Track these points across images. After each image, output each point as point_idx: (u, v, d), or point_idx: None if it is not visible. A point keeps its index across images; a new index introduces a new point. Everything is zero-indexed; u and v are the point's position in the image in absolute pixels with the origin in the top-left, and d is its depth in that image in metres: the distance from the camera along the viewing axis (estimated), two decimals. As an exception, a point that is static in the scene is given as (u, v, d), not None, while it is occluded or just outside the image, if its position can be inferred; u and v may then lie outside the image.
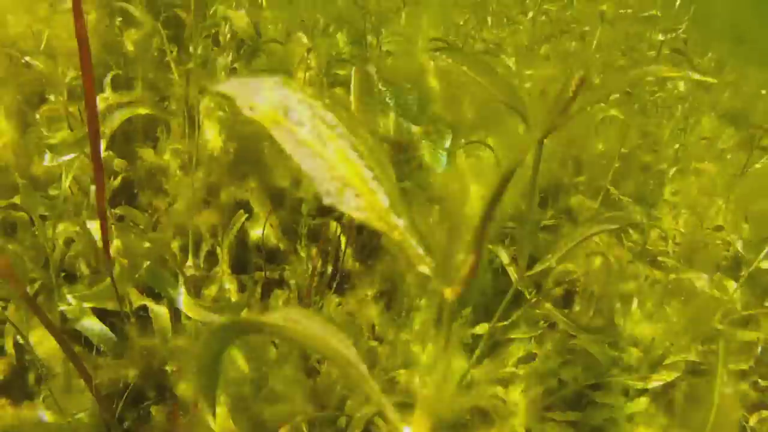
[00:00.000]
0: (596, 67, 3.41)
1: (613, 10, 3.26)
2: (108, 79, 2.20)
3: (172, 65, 2.25)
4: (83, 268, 1.72)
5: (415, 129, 2.40)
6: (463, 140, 2.16)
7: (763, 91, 4.97)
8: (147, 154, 2.29)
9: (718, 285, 2.43)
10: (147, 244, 1.99)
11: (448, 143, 2.31)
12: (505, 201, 2.27)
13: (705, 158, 3.12)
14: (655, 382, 2.09)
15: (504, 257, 1.90)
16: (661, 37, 2.35)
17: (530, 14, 3.46)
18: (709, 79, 1.18)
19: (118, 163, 2.01)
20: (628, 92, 2.95)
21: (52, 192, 1.63)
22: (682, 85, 2.96)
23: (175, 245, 2.15)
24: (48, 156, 1.20)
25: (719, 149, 3.24)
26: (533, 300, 1.99)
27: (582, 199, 2.87)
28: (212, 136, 2.19)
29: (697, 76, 1.19)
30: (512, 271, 1.93)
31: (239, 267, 2.18)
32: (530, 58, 3.25)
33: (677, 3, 2.46)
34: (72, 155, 1.21)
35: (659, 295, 2.29)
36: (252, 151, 2.23)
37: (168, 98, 2.52)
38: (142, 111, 1.45)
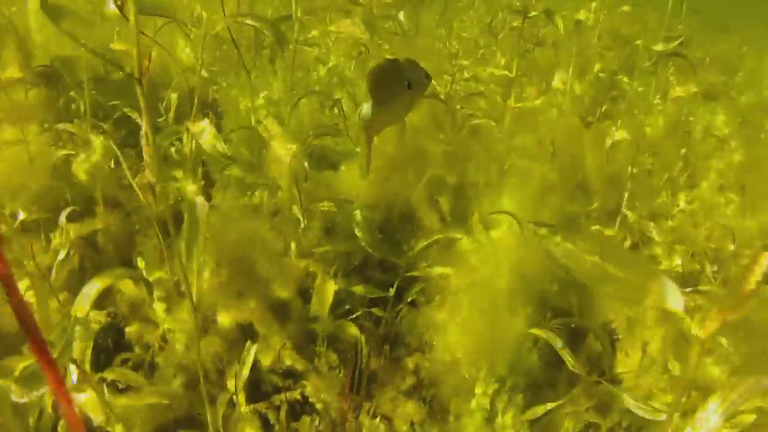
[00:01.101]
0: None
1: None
2: (64, 216, 1.93)
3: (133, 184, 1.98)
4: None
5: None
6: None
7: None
8: (127, 287, 2.03)
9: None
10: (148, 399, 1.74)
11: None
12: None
13: (713, 156, 2.94)
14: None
15: (556, 342, 1.68)
16: (660, 47, 2.15)
17: (500, 35, 3.26)
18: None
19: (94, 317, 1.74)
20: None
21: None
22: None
23: (177, 383, 1.89)
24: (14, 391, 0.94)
25: (726, 143, 3.06)
26: (591, 380, 1.77)
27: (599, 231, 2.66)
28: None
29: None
30: (566, 356, 1.71)
31: (252, 389, 1.94)
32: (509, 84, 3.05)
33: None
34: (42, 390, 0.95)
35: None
36: (244, 263, 1.98)
37: (136, 214, 2.26)
38: (115, 279, 1.19)
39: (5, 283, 0.56)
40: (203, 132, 1.42)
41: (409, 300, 1.98)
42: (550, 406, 1.79)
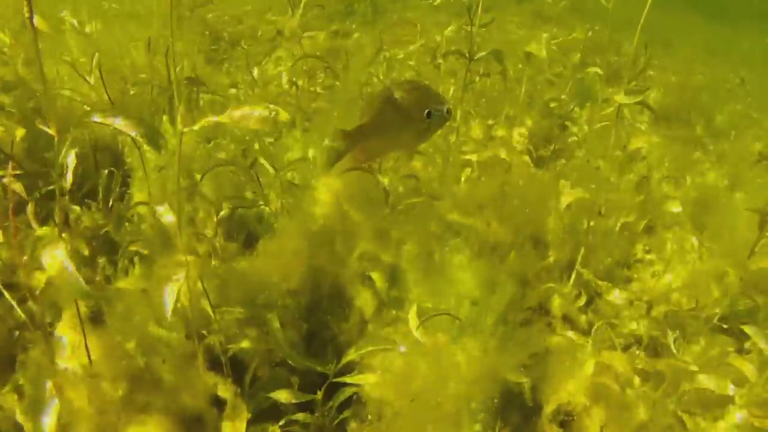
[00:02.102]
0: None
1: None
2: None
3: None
4: None
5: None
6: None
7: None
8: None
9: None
10: None
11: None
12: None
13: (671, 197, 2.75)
14: None
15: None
16: (625, 99, 1.92)
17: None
18: None
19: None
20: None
21: None
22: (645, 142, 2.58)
23: None
24: None
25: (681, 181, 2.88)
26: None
27: (552, 289, 2.44)
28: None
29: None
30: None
31: None
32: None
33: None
34: None
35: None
36: (147, 373, 1.68)
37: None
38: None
39: None
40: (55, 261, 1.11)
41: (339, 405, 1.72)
42: None
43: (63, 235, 1.29)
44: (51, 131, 1.24)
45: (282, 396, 1.72)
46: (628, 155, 2.69)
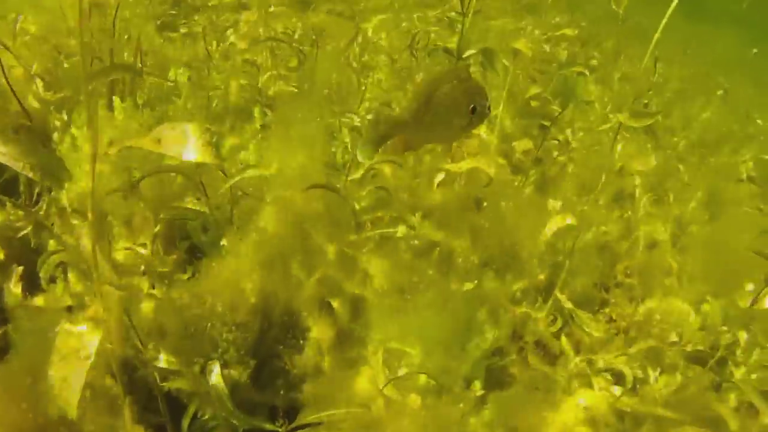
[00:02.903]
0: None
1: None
2: None
3: None
4: None
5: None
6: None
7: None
8: None
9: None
10: None
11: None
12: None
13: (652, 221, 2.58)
14: None
15: None
16: (633, 122, 1.71)
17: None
18: None
19: None
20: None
21: None
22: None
23: None
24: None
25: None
26: None
27: (527, 314, 2.25)
28: None
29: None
30: None
31: None
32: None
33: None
34: None
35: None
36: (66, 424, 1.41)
37: None
38: None
39: None
40: None
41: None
42: None
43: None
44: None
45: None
46: (617, 172, 2.50)
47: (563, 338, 2.36)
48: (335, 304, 1.72)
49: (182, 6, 3.40)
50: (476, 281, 2.11)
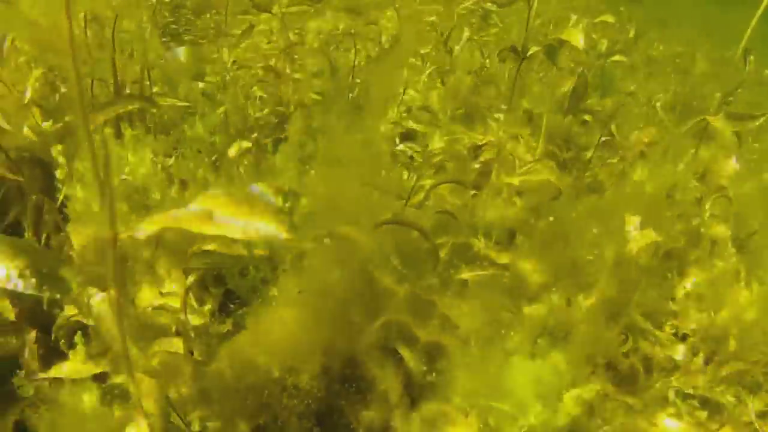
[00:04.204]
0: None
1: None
2: None
3: None
4: None
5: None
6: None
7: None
8: None
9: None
10: None
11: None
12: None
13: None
14: None
15: None
16: (729, 126, 1.47)
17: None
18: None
19: None
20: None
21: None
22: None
23: None
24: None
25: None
26: None
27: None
28: None
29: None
30: None
31: None
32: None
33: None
34: None
35: None
36: None
37: None
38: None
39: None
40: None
41: None
42: None
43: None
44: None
45: None
46: (700, 177, 2.24)
47: (635, 359, 2.13)
48: (405, 353, 1.47)
49: (182, 12, 3.13)
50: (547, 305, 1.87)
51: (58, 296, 0.82)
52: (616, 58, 2.83)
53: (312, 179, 1.51)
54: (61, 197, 1.80)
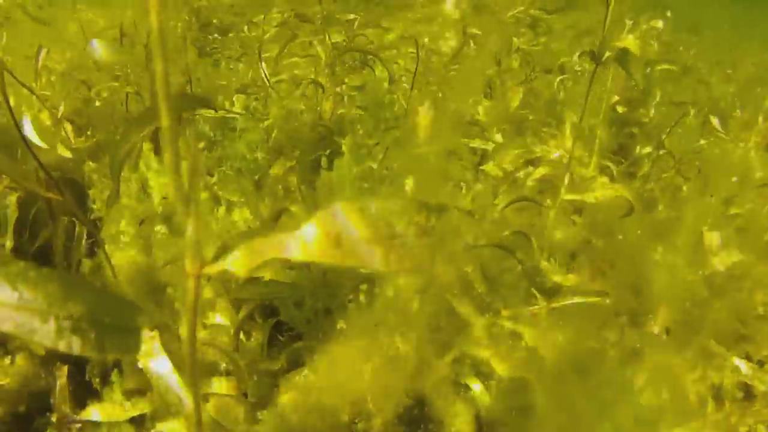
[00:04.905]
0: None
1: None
2: None
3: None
4: None
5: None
6: None
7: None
8: None
9: None
10: None
11: None
12: None
13: None
14: None
15: None
16: None
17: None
18: None
19: None
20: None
21: None
22: None
23: None
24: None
25: None
26: None
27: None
28: None
29: None
30: None
31: None
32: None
33: None
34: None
35: None
36: None
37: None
38: None
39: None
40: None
41: None
42: None
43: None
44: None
45: None
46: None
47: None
48: (475, 388, 1.32)
49: (210, 29, 3.03)
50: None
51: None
52: (665, 66, 2.68)
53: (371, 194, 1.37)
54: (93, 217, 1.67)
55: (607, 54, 1.55)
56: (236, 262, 0.57)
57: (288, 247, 0.54)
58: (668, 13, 3.79)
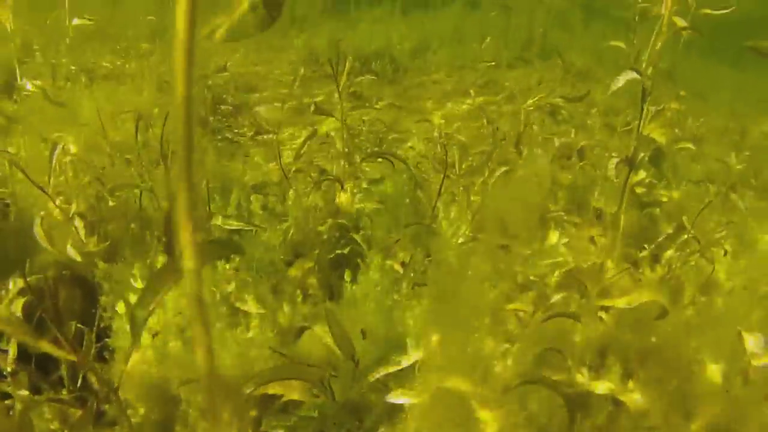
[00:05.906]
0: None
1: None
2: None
3: None
4: None
5: None
6: None
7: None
8: None
9: None
10: None
11: None
12: None
13: None
14: None
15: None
16: None
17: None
18: None
19: None
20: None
21: None
22: None
23: None
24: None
25: None
26: None
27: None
28: None
29: None
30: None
31: None
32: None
33: None
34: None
35: None
36: None
37: None
38: None
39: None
40: None
41: None
42: None
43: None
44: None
45: None
46: None
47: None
48: None
49: (221, 108, 3.01)
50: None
51: None
52: (683, 145, 2.65)
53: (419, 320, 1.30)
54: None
55: (641, 155, 1.50)
56: None
57: None
58: (682, 93, 3.81)
